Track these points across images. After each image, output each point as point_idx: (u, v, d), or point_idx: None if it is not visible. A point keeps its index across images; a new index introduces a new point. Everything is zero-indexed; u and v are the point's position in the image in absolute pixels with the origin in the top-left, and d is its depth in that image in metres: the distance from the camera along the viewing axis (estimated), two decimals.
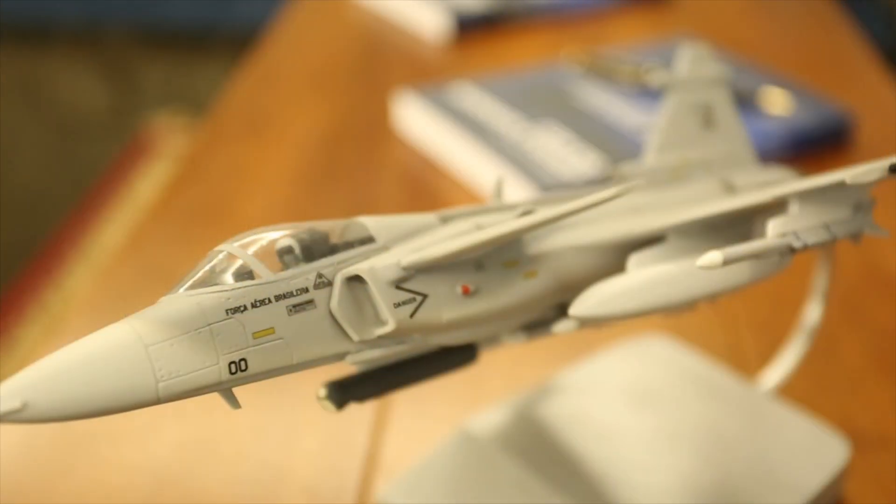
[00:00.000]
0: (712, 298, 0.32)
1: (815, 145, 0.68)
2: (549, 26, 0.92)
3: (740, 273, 0.32)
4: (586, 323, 0.31)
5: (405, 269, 0.29)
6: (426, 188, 0.64)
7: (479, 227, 0.31)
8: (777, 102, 0.69)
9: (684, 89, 0.41)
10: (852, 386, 0.47)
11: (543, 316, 0.34)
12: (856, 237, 0.34)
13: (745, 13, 0.96)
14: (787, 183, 0.35)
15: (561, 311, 0.33)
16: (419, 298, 0.29)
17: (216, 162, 0.67)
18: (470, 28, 0.90)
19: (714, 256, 0.29)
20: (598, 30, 0.91)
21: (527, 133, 0.66)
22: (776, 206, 0.33)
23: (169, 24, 2.43)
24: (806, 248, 0.32)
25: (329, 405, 0.30)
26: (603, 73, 0.75)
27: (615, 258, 0.33)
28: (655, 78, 0.40)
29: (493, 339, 0.34)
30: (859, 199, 0.34)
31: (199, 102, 1.13)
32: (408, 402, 0.46)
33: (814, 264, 0.46)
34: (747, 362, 0.49)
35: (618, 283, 0.30)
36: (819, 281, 0.46)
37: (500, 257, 0.31)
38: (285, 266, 0.28)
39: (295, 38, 0.91)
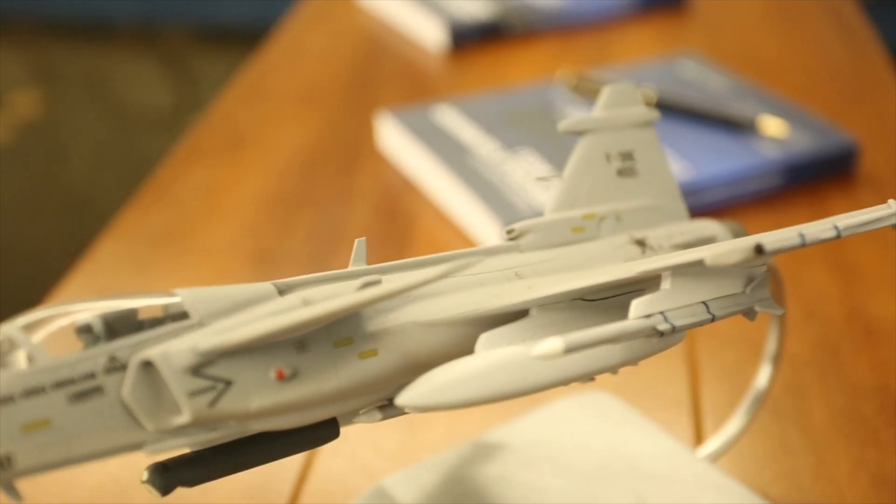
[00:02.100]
0: (581, 380, 0.30)
1: (813, 175, 0.67)
2: (555, 37, 0.91)
3: (606, 356, 0.30)
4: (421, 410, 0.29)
5: (203, 354, 0.26)
6: (404, 216, 0.64)
7: (306, 302, 0.29)
8: (773, 130, 0.68)
9: (600, 133, 0.39)
10: (810, 452, 0.46)
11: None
12: (748, 315, 0.32)
13: (767, 25, 0.94)
14: (658, 257, 0.34)
15: None
16: (220, 386, 0.26)
17: (188, 182, 0.68)
18: (469, 40, 0.89)
19: (552, 345, 0.27)
20: (605, 42, 0.90)
21: (502, 163, 0.65)
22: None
23: (227, 23, 2.48)
24: (675, 330, 0.30)
25: (153, 490, 0.28)
26: (594, 96, 0.74)
27: (474, 334, 0.31)
28: (564, 124, 0.39)
29: (348, 416, 0.31)
30: (752, 273, 0.32)
31: None
32: (334, 452, 0.46)
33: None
34: (701, 420, 0.48)
35: (454, 369, 0.28)
36: (769, 344, 0.45)
37: (330, 336, 0.29)
38: (85, 346, 0.26)
39: (290, 46, 0.91)
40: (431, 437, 0.47)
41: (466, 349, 0.30)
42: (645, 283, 0.33)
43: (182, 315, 0.28)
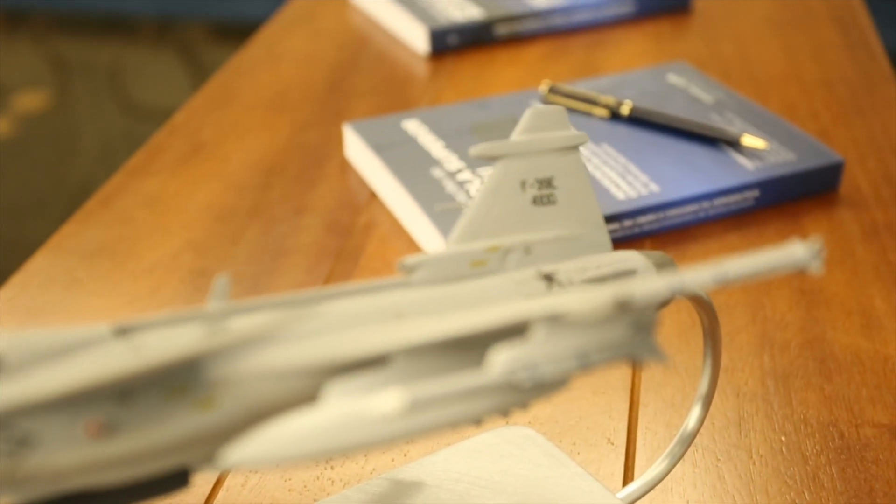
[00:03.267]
0: (430, 435, 0.28)
1: (791, 193, 0.65)
2: (545, 43, 0.90)
3: (462, 410, 0.28)
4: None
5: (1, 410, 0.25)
6: (360, 232, 0.63)
7: (135, 349, 0.27)
8: (753, 146, 0.66)
9: (517, 158, 0.38)
10: (744, 493, 0.44)
11: None
12: (634, 362, 0.31)
13: (770, 33, 0.92)
14: (517, 305, 0.32)
15: None
16: (17, 445, 0.25)
17: (138, 193, 0.68)
18: (455, 46, 0.88)
19: (391, 403, 0.25)
20: (598, 48, 0.88)
21: (461, 178, 0.64)
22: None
23: (245, 19, 2.51)
24: (543, 385, 0.28)
25: None
26: (572, 107, 0.72)
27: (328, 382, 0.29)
28: (477, 149, 0.38)
29: (195, 465, 0.29)
30: (638, 319, 0.31)
31: None
32: (242, 484, 0.45)
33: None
34: (633, 458, 0.46)
35: (288, 424, 0.26)
36: (702, 384, 0.43)
37: (160, 384, 0.27)
38: None
39: (268, 49, 0.91)
40: (346, 470, 0.46)
41: (318, 398, 0.29)
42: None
43: None
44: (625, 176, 0.64)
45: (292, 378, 0.29)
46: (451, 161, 0.66)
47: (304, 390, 0.29)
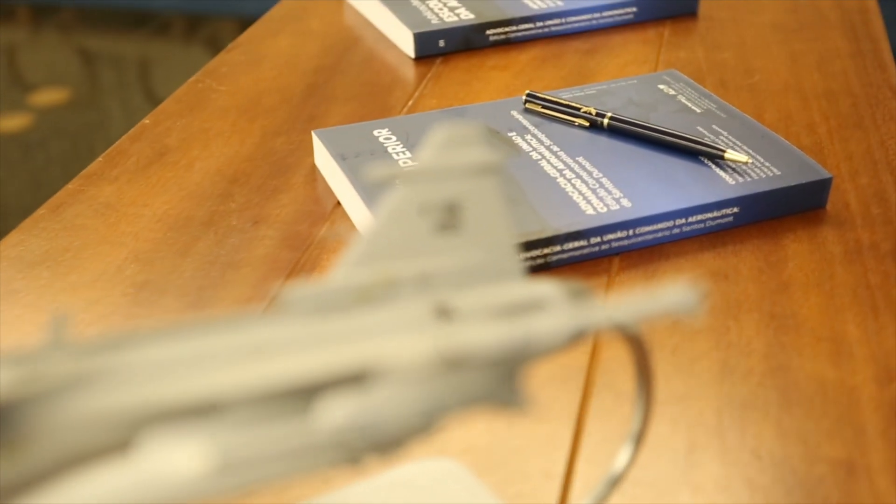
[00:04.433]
0: (244, 491, 0.26)
1: (773, 210, 0.63)
2: (540, 48, 0.88)
3: (289, 466, 0.26)
4: None
5: None
6: (318, 245, 0.62)
7: None
8: (737, 160, 0.64)
9: (417, 181, 0.37)
10: None
11: None
12: (497, 407, 0.30)
13: (776, 40, 0.90)
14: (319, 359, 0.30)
15: None
16: None
17: (93, 200, 0.67)
18: (444, 50, 0.87)
19: (196, 462, 0.23)
20: (595, 53, 0.87)
21: None
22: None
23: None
24: (379, 444, 0.27)
25: None
26: (551, 118, 0.71)
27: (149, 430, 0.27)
28: (375, 173, 0.36)
29: None
30: (508, 369, 0.30)
31: None
32: None
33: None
34: (568, 495, 0.45)
35: (98, 478, 0.25)
36: (634, 421, 0.42)
37: None
38: None
39: (252, 49, 0.90)
40: (262, 499, 0.45)
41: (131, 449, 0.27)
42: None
43: None
44: (597, 190, 0.63)
45: (110, 427, 0.28)
46: None
47: (122, 440, 0.28)
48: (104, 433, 0.27)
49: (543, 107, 0.71)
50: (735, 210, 0.62)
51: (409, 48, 0.87)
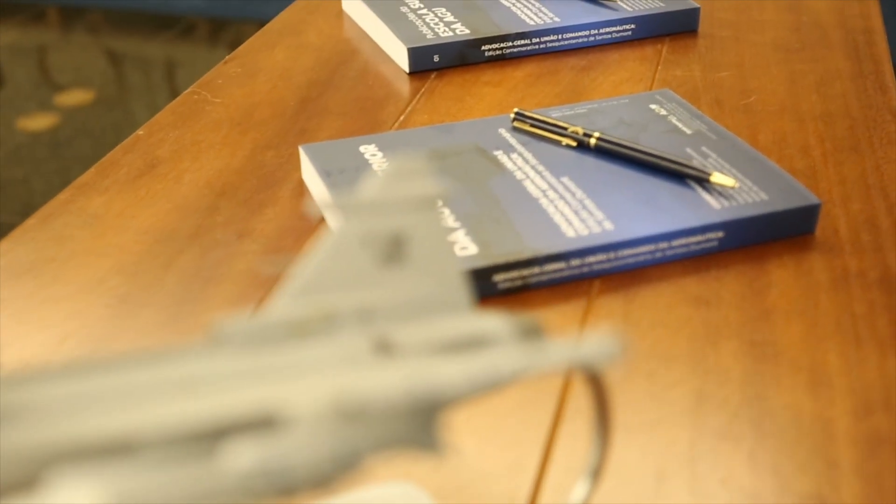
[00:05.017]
0: None
1: (759, 236, 0.62)
2: (535, 64, 0.88)
3: None
4: None
5: None
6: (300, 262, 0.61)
7: None
8: (724, 185, 0.63)
9: (362, 213, 0.36)
10: None
11: None
12: (415, 452, 0.29)
13: (775, 61, 0.89)
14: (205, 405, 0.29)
15: None
16: None
17: (82, 211, 0.67)
18: (439, 65, 0.87)
19: None
20: (590, 70, 0.86)
21: None
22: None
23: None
24: (287, 489, 0.26)
25: None
26: (539, 136, 0.71)
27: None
28: (317, 203, 0.36)
29: None
30: (426, 413, 0.29)
31: None
32: None
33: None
34: None
35: None
36: (590, 455, 0.41)
37: None
38: None
39: (248, 61, 0.90)
40: None
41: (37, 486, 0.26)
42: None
43: None
44: (579, 212, 0.62)
45: (20, 464, 0.26)
46: None
47: (30, 478, 0.27)
48: (13, 470, 0.27)
49: (531, 125, 0.71)
50: (720, 235, 0.61)
51: (403, 63, 0.87)
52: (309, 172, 0.69)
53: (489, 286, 0.58)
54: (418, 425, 0.29)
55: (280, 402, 0.27)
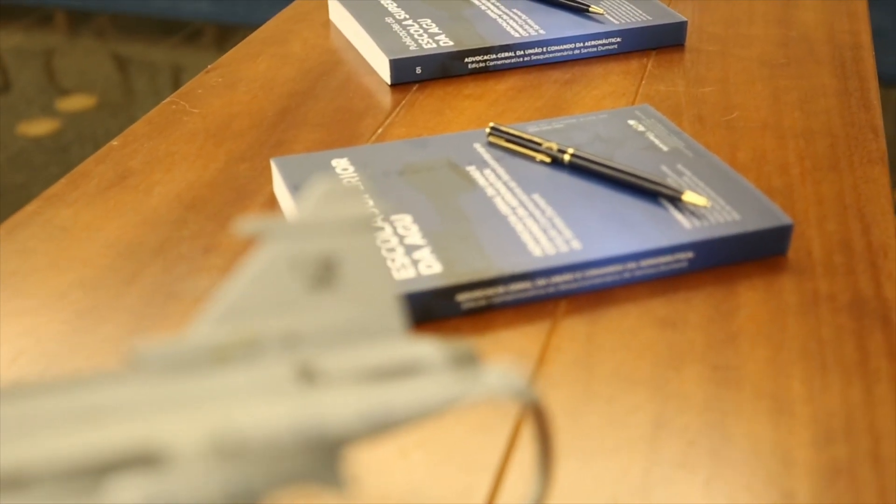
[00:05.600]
0: None
1: (730, 257, 0.61)
2: (519, 77, 0.87)
3: None
4: None
5: None
6: None
7: None
8: (696, 204, 0.62)
9: (292, 237, 0.35)
10: None
11: None
12: (315, 487, 0.28)
13: (763, 72, 0.87)
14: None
15: None
16: None
17: (49, 222, 0.66)
18: (422, 77, 0.86)
19: None
20: (573, 84, 0.85)
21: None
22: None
23: None
24: None
25: None
26: (513, 152, 0.69)
27: None
28: (243, 228, 0.35)
29: None
30: (326, 454, 0.28)
31: None
32: None
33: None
34: None
35: None
36: (533, 488, 0.40)
37: None
38: None
39: (229, 71, 0.89)
40: None
41: None
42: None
43: None
44: (547, 230, 0.61)
45: None
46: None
47: None
48: None
49: (507, 140, 0.70)
50: (690, 255, 0.60)
51: (386, 74, 0.86)
52: (280, 186, 0.68)
53: (452, 306, 0.57)
54: (318, 461, 0.28)
55: (162, 438, 0.26)
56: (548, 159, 0.68)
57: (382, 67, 0.87)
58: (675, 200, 0.63)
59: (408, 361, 0.35)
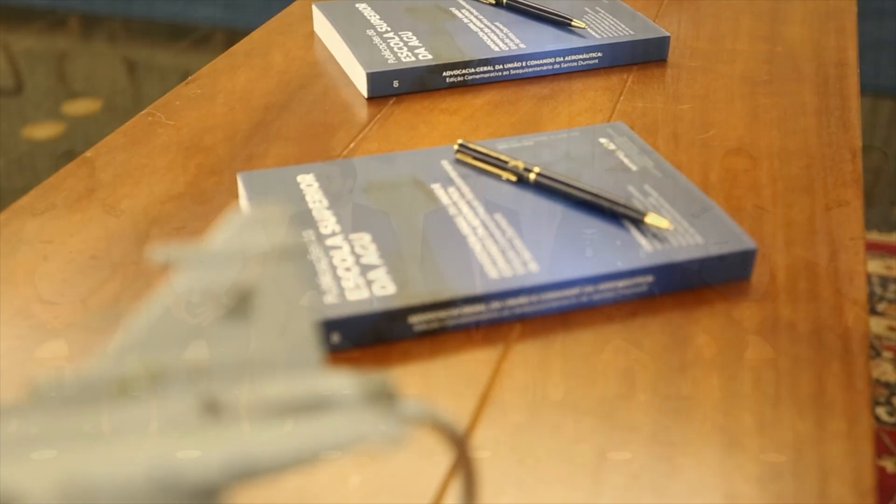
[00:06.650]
0: None
1: (691, 281, 0.60)
2: (497, 91, 0.85)
3: None
4: None
5: None
6: None
7: None
8: (659, 227, 0.60)
9: (201, 267, 0.34)
10: None
11: None
12: None
13: (743, 90, 0.86)
14: None
15: None
16: None
17: (13, 237, 0.65)
18: (399, 91, 0.84)
19: None
20: (550, 99, 0.84)
21: (328, 249, 0.60)
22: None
23: None
24: None
25: None
26: (480, 170, 0.68)
27: None
28: (155, 255, 0.34)
29: None
30: (209, 490, 0.27)
31: None
32: None
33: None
34: None
35: None
36: None
37: None
38: None
39: (208, 84, 0.88)
40: None
41: None
42: None
43: None
44: (506, 251, 0.59)
45: None
46: (328, 223, 0.62)
47: None
48: None
49: (474, 158, 0.68)
50: (649, 279, 0.59)
51: (363, 87, 0.85)
52: (245, 201, 0.67)
53: (405, 328, 0.55)
54: (202, 500, 0.26)
55: (10, 486, 0.25)
56: (514, 178, 0.67)
57: (360, 80, 0.85)
58: (638, 223, 0.62)
59: (320, 396, 0.33)
